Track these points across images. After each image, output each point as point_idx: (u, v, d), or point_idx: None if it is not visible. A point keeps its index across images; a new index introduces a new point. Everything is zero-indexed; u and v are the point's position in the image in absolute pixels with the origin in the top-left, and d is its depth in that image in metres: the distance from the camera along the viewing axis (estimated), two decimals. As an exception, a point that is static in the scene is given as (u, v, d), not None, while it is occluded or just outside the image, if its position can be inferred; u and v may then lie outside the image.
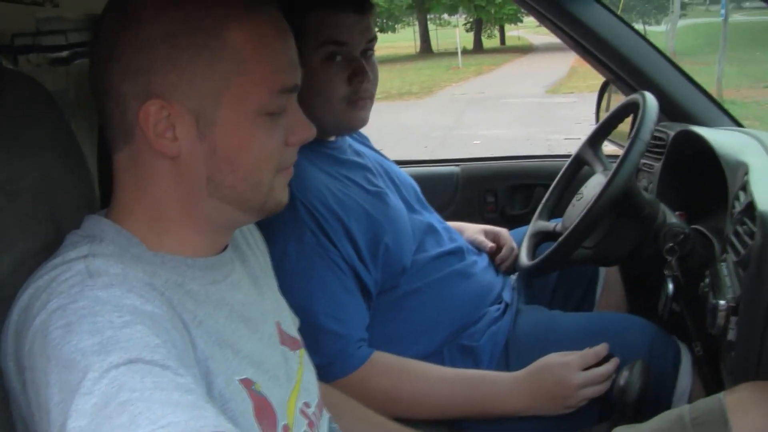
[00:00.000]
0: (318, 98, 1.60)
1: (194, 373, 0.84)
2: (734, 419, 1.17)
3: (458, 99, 16.90)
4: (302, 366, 1.18)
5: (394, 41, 41.02)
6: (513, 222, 2.34)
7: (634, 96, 1.82)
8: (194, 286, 0.98)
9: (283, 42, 1.01)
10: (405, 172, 2.01)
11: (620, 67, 2.22)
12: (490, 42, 40.62)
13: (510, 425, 1.64)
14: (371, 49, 1.69)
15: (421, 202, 1.92)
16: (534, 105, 14.66)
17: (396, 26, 40.83)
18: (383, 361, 1.60)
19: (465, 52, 31.21)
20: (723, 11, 16.51)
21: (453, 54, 29.62)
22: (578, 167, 2.02)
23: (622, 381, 1.54)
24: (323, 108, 1.62)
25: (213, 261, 1.05)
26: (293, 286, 1.41)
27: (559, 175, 2.04)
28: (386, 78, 22.99)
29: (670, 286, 1.68)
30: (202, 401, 0.75)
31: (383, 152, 2.01)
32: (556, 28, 2.22)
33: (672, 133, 1.99)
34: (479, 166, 2.78)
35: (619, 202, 1.65)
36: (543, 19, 2.25)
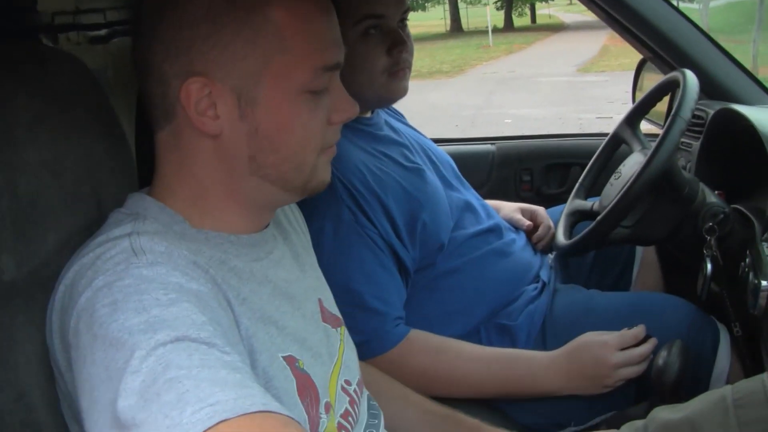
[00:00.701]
0: (358, 73, 1.60)
1: (240, 351, 0.84)
2: (777, 400, 1.17)
3: (489, 78, 16.84)
4: (343, 343, 1.18)
5: (424, 20, 40.88)
6: (549, 201, 2.33)
7: (674, 74, 1.80)
8: (238, 263, 0.99)
9: (326, 19, 1.00)
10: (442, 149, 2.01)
11: (659, 44, 2.19)
12: (520, 20, 40.37)
13: (546, 405, 1.64)
14: (406, 18, 1.70)
15: (459, 178, 1.92)
16: (565, 84, 14.57)
17: (426, 4, 40.66)
18: (420, 339, 1.60)
19: (495, 30, 31.07)
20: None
21: (483, 33, 29.50)
22: (616, 146, 2.01)
23: (660, 361, 1.53)
24: (364, 82, 1.63)
25: (256, 238, 1.05)
26: (331, 264, 1.42)
27: (596, 154, 2.03)
28: (416, 57, 22.59)
29: (709, 266, 1.66)
30: (249, 379, 0.75)
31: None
32: (592, 4, 2.19)
33: (711, 112, 1.97)
34: (515, 144, 2.78)
35: (659, 182, 1.64)
36: (580, -5, 2.22)
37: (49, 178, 0.97)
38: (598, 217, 1.69)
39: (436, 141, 2.19)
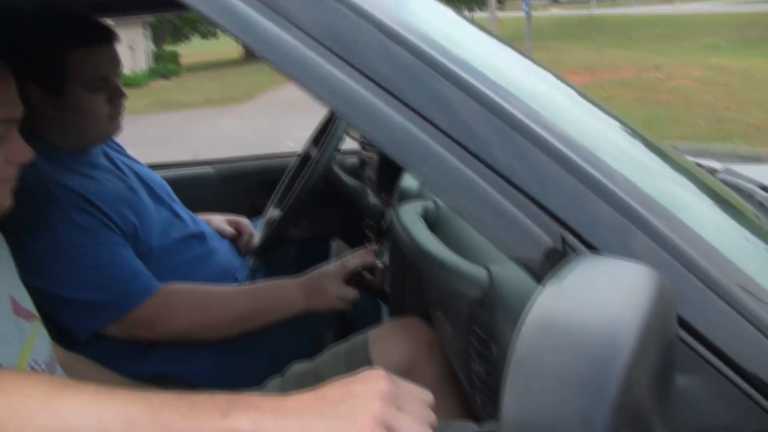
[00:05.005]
0: (87, 118, 1.93)
1: None
2: (372, 348, 1.55)
3: (278, 102, 17.13)
4: (35, 333, 1.46)
5: (217, 47, 40.73)
6: (262, 212, 2.64)
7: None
8: None
9: (2, 87, 1.31)
10: (163, 174, 2.30)
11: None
12: (313, 44, 40.76)
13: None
14: (119, 73, 2.02)
15: (169, 196, 2.21)
16: (350, 105, 14.99)
17: (218, 31, 40.53)
18: (174, 287, 1.91)
19: (287, 55, 31.32)
20: (526, 8, 17.88)
21: (276, 57, 29.71)
22: (305, 162, 2.36)
23: None
24: (91, 125, 1.96)
25: None
26: (75, 256, 1.79)
27: (289, 169, 2.37)
28: (208, 84, 22.99)
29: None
30: None
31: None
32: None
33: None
34: (231, 166, 3.06)
35: (323, 189, 2.00)
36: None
37: None
38: (274, 222, 2.03)
39: (160, 166, 2.48)
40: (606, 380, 0.62)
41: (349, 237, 2.17)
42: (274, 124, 13.42)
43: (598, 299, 0.68)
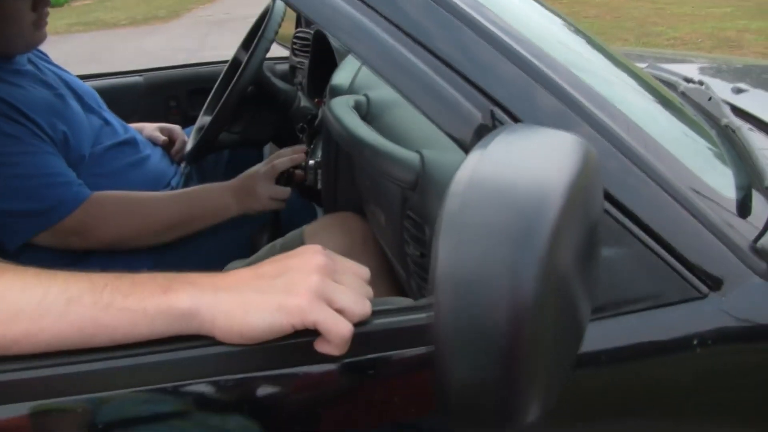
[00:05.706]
0: (8, 26, 1.88)
1: None
2: (307, 241, 1.57)
3: (205, 20, 16.78)
4: None
5: (140, -35, 39.62)
6: (194, 122, 2.62)
7: (269, 3, 2.15)
8: None
9: None
10: (92, 84, 2.26)
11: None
12: (239, -39, 39.94)
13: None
14: None
15: (98, 104, 2.18)
16: (278, 23, 14.78)
17: (141, -51, 39.37)
18: (106, 194, 1.88)
19: (213, -27, 30.70)
20: None
21: (201, -24, 29.12)
22: (236, 67, 2.34)
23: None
24: (14, 33, 1.91)
25: None
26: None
27: (221, 76, 2.35)
28: (132, 3, 22.37)
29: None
30: None
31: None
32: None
33: (313, 33, 2.34)
34: (160, 74, 3.00)
35: (254, 93, 1.99)
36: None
37: None
38: (205, 127, 2.02)
39: (89, 76, 2.43)
40: (534, 232, 0.64)
41: (282, 141, 2.17)
42: (202, 42, 13.14)
43: (526, 158, 0.70)
